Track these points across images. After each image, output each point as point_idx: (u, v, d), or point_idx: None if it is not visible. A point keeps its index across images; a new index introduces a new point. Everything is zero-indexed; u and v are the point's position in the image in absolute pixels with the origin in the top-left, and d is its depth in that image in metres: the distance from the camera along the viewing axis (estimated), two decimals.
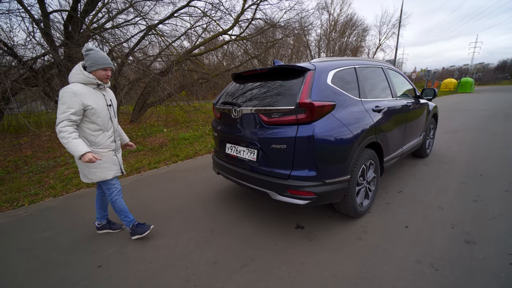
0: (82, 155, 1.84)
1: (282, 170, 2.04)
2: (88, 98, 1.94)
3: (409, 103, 3.19)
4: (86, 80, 1.96)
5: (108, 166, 2.14)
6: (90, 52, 1.99)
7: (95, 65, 1.98)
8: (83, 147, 1.86)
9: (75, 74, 1.96)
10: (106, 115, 2.09)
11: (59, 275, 1.90)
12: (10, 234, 2.51)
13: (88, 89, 1.98)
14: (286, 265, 1.87)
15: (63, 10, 6.84)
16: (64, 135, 1.83)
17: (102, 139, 2.08)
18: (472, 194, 2.84)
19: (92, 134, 2.03)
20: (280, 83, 2.20)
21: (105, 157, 2.10)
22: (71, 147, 1.83)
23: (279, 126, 2.04)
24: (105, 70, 2.04)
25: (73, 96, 1.86)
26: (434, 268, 1.77)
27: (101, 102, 2.05)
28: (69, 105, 1.84)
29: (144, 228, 2.29)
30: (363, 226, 2.32)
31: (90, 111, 1.96)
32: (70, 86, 1.89)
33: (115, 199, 2.20)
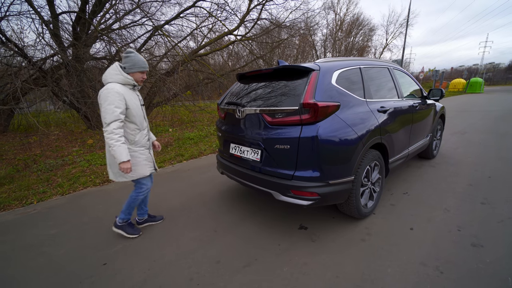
0: (123, 162, 1.93)
1: (286, 170, 2.03)
2: (127, 98, 2.00)
3: (416, 104, 3.15)
4: (125, 81, 2.03)
5: (146, 163, 2.22)
6: (131, 54, 2.07)
7: (134, 67, 2.06)
8: (127, 154, 1.95)
9: (113, 75, 2.01)
10: (141, 114, 2.17)
11: (66, 272, 1.94)
12: (19, 231, 2.57)
13: (126, 89, 2.04)
14: (289, 266, 1.87)
15: (71, 12, 6.96)
16: (115, 137, 1.91)
17: (140, 138, 2.17)
18: (480, 196, 2.79)
19: (131, 133, 2.10)
20: (284, 84, 2.20)
21: (143, 154, 2.19)
22: (117, 151, 1.90)
23: (282, 126, 2.04)
24: (142, 73, 2.13)
25: (118, 95, 1.92)
26: (439, 271, 1.74)
27: (137, 102, 2.13)
28: (117, 105, 1.91)
29: (133, 231, 2.34)
30: (367, 228, 2.30)
31: (129, 111, 2.03)
32: (113, 86, 1.94)
33: (140, 198, 2.26)
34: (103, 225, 2.58)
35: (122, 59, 2.08)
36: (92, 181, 3.84)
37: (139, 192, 2.26)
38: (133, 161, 2.10)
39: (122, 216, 2.32)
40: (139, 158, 2.16)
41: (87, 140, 6.47)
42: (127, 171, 1.97)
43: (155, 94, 9.01)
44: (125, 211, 2.31)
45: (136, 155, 2.14)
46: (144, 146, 2.22)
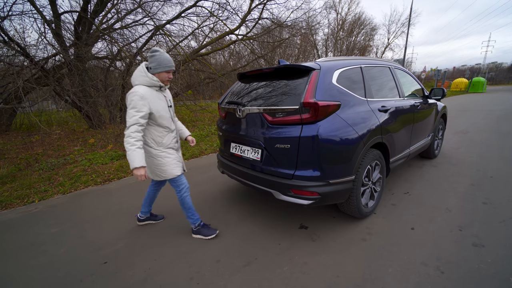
0: (136, 168, 1.85)
1: (286, 170, 2.03)
2: (153, 102, 1.95)
3: (417, 103, 3.14)
4: (150, 82, 1.96)
5: (176, 163, 2.17)
6: (156, 53, 1.98)
7: (160, 67, 1.97)
8: (140, 160, 1.86)
9: (139, 76, 1.96)
10: (168, 116, 2.10)
11: (66, 270, 1.94)
12: (20, 229, 2.58)
13: (152, 91, 1.98)
14: (289, 265, 1.87)
15: (73, 11, 6.99)
16: (131, 141, 1.85)
17: (168, 140, 2.13)
18: (481, 196, 2.78)
19: (159, 135, 2.06)
20: (285, 83, 2.20)
21: (172, 155, 2.15)
22: (131, 156, 1.84)
23: (283, 125, 2.03)
24: (168, 72, 2.04)
25: (141, 99, 1.87)
26: (440, 271, 1.74)
27: (164, 104, 2.06)
28: (139, 109, 1.86)
29: (210, 231, 2.28)
30: (368, 227, 2.29)
31: (155, 115, 1.97)
32: (137, 90, 1.89)
33: (184, 196, 2.21)
34: (104, 224, 2.59)
35: (148, 59, 2.00)
36: (93, 180, 3.86)
37: (180, 191, 2.21)
38: (162, 161, 2.08)
39: (191, 221, 2.28)
40: (168, 158, 2.12)
41: (89, 139, 6.49)
42: (141, 177, 1.87)
43: None
44: (190, 216, 2.27)
45: (165, 155, 2.10)
46: (172, 148, 2.17)
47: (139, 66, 1.97)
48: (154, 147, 2.08)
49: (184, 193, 2.21)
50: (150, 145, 2.07)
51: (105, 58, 8.43)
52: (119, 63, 9.01)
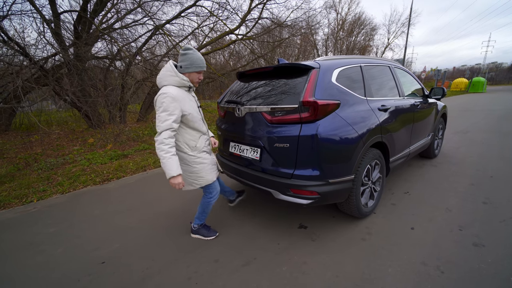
0: (173, 177, 1.73)
1: (285, 169, 2.02)
2: (185, 103, 1.81)
3: (417, 103, 3.12)
4: (181, 83, 1.82)
5: (211, 168, 2.07)
6: (189, 52, 1.84)
7: (192, 67, 1.84)
8: (177, 168, 1.74)
9: (168, 76, 1.80)
10: (200, 118, 1.98)
11: (64, 270, 1.93)
12: (18, 229, 2.57)
13: (183, 92, 1.84)
14: (288, 265, 1.86)
15: (73, 11, 6.98)
16: (165, 149, 1.71)
17: (201, 143, 1.99)
18: (481, 196, 2.76)
19: (192, 139, 1.93)
20: (284, 82, 2.18)
21: (207, 159, 2.03)
22: (166, 164, 1.71)
23: (282, 124, 2.02)
24: (199, 73, 1.92)
25: (173, 101, 1.71)
26: (440, 271, 1.72)
27: (194, 105, 1.94)
28: (171, 112, 1.71)
29: (210, 233, 2.24)
30: (368, 227, 2.28)
31: (187, 117, 1.83)
32: (169, 90, 1.73)
33: (211, 202, 2.15)
34: (102, 224, 2.58)
35: (179, 57, 1.86)
36: (92, 179, 3.84)
37: (209, 197, 2.14)
38: (197, 168, 1.96)
39: (197, 222, 2.23)
40: (204, 164, 1.99)
41: (88, 139, 6.48)
42: (178, 186, 1.77)
43: (156, 94, 9.02)
44: (200, 217, 2.22)
45: (200, 161, 1.97)
46: (206, 151, 2.04)
47: (167, 64, 1.82)
48: (189, 153, 1.93)
49: (213, 199, 2.15)
50: (184, 150, 1.92)
51: (105, 58, 8.42)
52: (119, 63, 9.00)
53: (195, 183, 2.01)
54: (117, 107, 7.41)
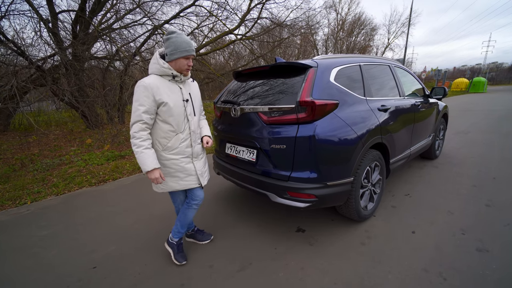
0: (149, 171, 1.59)
1: (282, 171, 1.96)
2: (161, 92, 1.61)
3: (418, 103, 3.06)
4: (162, 71, 1.64)
5: (177, 176, 1.78)
6: (172, 36, 1.61)
7: (176, 52, 1.61)
8: (151, 161, 1.58)
9: (151, 64, 1.67)
10: (180, 113, 1.70)
11: (55, 275, 1.87)
12: (10, 231, 2.51)
13: (163, 81, 1.65)
14: (285, 271, 1.80)
15: (71, 10, 6.94)
16: (136, 143, 1.57)
17: (175, 143, 1.72)
18: (484, 198, 2.70)
19: (164, 135, 1.70)
20: (281, 81, 2.12)
21: (176, 165, 1.76)
22: (140, 159, 1.57)
23: (278, 125, 1.96)
24: (187, 58, 1.66)
25: (145, 90, 1.56)
26: (442, 278, 1.66)
27: (176, 98, 1.68)
28: (141, 102, 1.56)
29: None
30: (367, 231, 2.22)
31: (162, 108, 1.63)
32: (144, 79, 1.60)
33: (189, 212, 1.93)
34: (97, 226, 2.52)
35: (164, 44, 1.65)
36: (88, 181, 3.79)
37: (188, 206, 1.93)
38: (165, 169, 1.75)
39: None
40: (170, 169, 1.75)
41: (86, 140, 6.43)
42: (157, 181, 1.63)
43: None
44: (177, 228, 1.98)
45: (167, 164, 1.74)
46: (181, 154, 1.76)
47: (155, 52, 1.68)
48: (159, 151, 1.72)
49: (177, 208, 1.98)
50: (156, 147, 1.72)
51: (104, 58, 8.37)
52: (118, 63, 8.95)
53: (159, 186, 1.80)
54: (115, 108, 7.36)
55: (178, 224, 1.95)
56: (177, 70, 1.67)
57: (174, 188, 1.80)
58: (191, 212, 1.93)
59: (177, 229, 1.96)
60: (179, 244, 1.99)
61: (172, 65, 1.65)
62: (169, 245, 2.00)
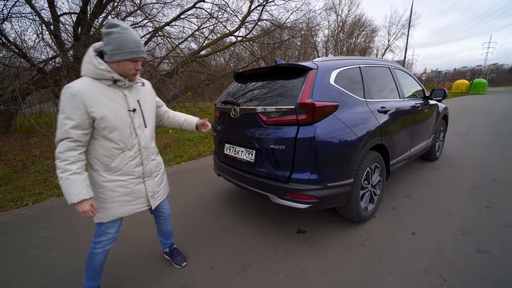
0: (75, 204, 1.24)
1: (281, 172, 1.97)
2: (96, 102, 1.25)
3: (418, 104, 3.07)
4: (97, 73, 1.26)
5: (123, 201, 1.45)
6: (113, 31, 1.23)
7: (119, 53, 1.24)
8: (79, 191, 1.23)
9: (83, 64, 1.28)
10: (125, 126, 1.36)
11: (55, 278, 1.88)
12: (12, 233, 2.52)
13: (100, 87, 1.28)
14: (285, 272, 1.80)
15: (72, 13, 6.98)
16: (61, 166, 1.21)
17: (120, 163, 1.38)
18: (484, 200, 2.70)
19: (107, 155, 1.35)
20: (281, 83, 2.14)
21: (123, 187, 1.43)
22: (64, 187, 1.22)
23: (278, 126, 1.97)
24: (134, 61, 1.30)
25: (72, 99, 1.19)
26: (442, 279, 1.66)
27: (119, 108, 1.33)
28: (68, 114, 1.20)
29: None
30: (368, 232, 2.22)
31: (100, 122, 1.27)
32: (72, 84, 1.22)
33: (96, 252, 1.52)
34: None
35: (103, 39, 1.26)
36: None
37: (94, 244, 1.52)
38: (105, 196, 1.39)
39: (85, 282, 1.58)
40: (114, 192, 1.40)
41: None
42: (86, 214, 1.27)
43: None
44: (86, 275, 1.59)
45: (112, 187, 1.39)
46: (129, 175, 1.43)
47: (89, 49, 1.29)
48: (100, 172, 1.37)
49: (98, 248, 1.51)
50: (94, 167, 1.37)
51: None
52: None
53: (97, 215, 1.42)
54: None
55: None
56: (120, 73, 1.30)
57: (118, 215, 1.46)
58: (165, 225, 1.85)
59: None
60: (173, 249, 1.97)
61: (114, 67, 1.28)
62: (166, 254, 2.00)
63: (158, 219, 1.83)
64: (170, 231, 1.93)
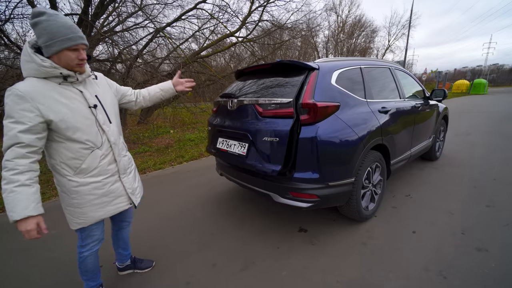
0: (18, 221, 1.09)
1: (271, 165, 1.93)
2: (51, 103, 1.15)
3: (418, 105, 3.10)
4: (42, 71, 1.14)
5: (102, 202, 1.38)
6: (41, 20, 1.10)
7: (54, 43, 1.11)
8: (26, 205, 1.09)
9: (23, 63, 1.16)
10: (89, 124, 1.27)
11: (60, 274, 1.91)
12: (14, 233, 2.54)
13: (50, 86, 1.17)
14: (287, 270, 1.83)
15: (74, 14, 7.01)
16: (6, 176, 1.08)
17: (92, 163, 1.30)
18: (484, 199, 2.73)
19: (75, 157, 1.25)
20: (281, 79, 2.16)
21: (99, 189, 1.35)
22: (8, 201, 1.08)
23: (273, 118, 1.98)
24: (74, 50, 1.17)
25: (21, 101, 1.08)
26: (442, 276, 1.69)
27: (78, 106, 1.24)
28: (16, 118, 1.09)
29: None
30: (369, 231, 2.25)
31: (59, 124, 1.17)
32: (17, 85, 1.11)
33: (85, 255, 1.49)
34: None
35: (33, 31, 1.13)
36: None
37: (81, 249, 1.48)
38: (79, 200, 1.31)
39: (85, 285, 1.59)
40: (91, 196, 1.33)
41: None
42: (29, 235, 1.11)
43: None
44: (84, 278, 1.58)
45: (85, 190, 1.31)
46: (104, 174, 1.36)
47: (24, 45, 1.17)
48: (68, 177, 1.27)
49: (86, 251, 1.48)
50: (61, 172, 1.27)
51: (106, 61, 8.44)
52: (120, 66, 9.03)
53: (73, 221, 1.36)
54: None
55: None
56: (65, 67, 1.18)
57: (98, 218, 1.40)
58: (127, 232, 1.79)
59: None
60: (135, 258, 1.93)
61: (55, 60, 1.15)
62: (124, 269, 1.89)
63: (120, 225, 1.74)
64: (128, 238, 1.84)
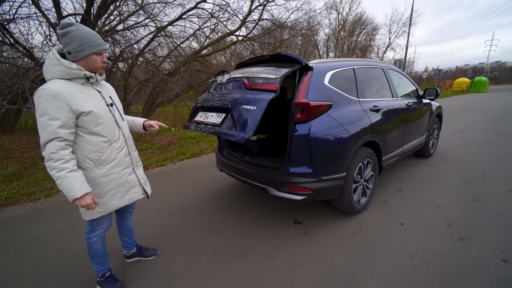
0: (78, 198, 1.31)
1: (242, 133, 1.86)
2: (79, 100, 1.32)
3: (410, 103, 3.22)
4: (70, 73, 1.32)
5: (120, 192, 1.56)
6: (71, 29, 1.29)
7: (85, 49, 1.32)
8: (81, 185, 1.30)
9: (49, 67, 1.32)
10: (109, 118, 1.47)
11: (73, 262, 2.05)
12: (28, 224, 2.70)
13: (75, 86, 1.34)
14: (282, 257, 1.97)
15: (77, 14, 7.13)
16: (56, 166, 1.25)
17: (111, 154, 1.47)
18: (472, 193, 2.86)
19: (95, 150, 1.41)
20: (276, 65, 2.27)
21: (117, 179, 1.53)
22: (64, 185, 1.27)
23: (257, 90, 2.04)
24: (99, 54, 1.39)
25: (53, 100, 1.24)
26: (425, 263, 1.83)
27: (98, 103, 1.43)
28: (52, 115, 1.24)
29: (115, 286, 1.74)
30: (360, 223, 2.38)
31: (85, 118, 1.34)
32: (47, 85, 1.26)
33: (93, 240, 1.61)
34: None
35: (61, 40, 1.31)
36: None
37: (89, 236, 1.60)
38: (101, 190, 1.46)
39: (97, 271, 1.72)
40: (109, 186, 1.49)
41: None
42: (90, 207, 1.35)
43: (158, 94, 9.17)
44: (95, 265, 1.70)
45: (105, 181, 1.47)
46: (121, 165, 1.54)
47: (49, 52, 1.34)
48: (90, 169, 1.42)
49: (94, 237, 1.60)
50: (83, 166, 1.41)
51: (108, 59, 8.56)
52: (121, 64, 9.16)
53: (91, 212, 1.48)
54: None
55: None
56: (89, 70, 1.38)
57: (116, 207, 1.56)
58: (130, 222, 1.94)
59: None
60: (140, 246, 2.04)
61: (82, 64, 1.35)
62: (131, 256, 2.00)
63: (125, 214, 1.90)
64: (132, 227, 1.99)
